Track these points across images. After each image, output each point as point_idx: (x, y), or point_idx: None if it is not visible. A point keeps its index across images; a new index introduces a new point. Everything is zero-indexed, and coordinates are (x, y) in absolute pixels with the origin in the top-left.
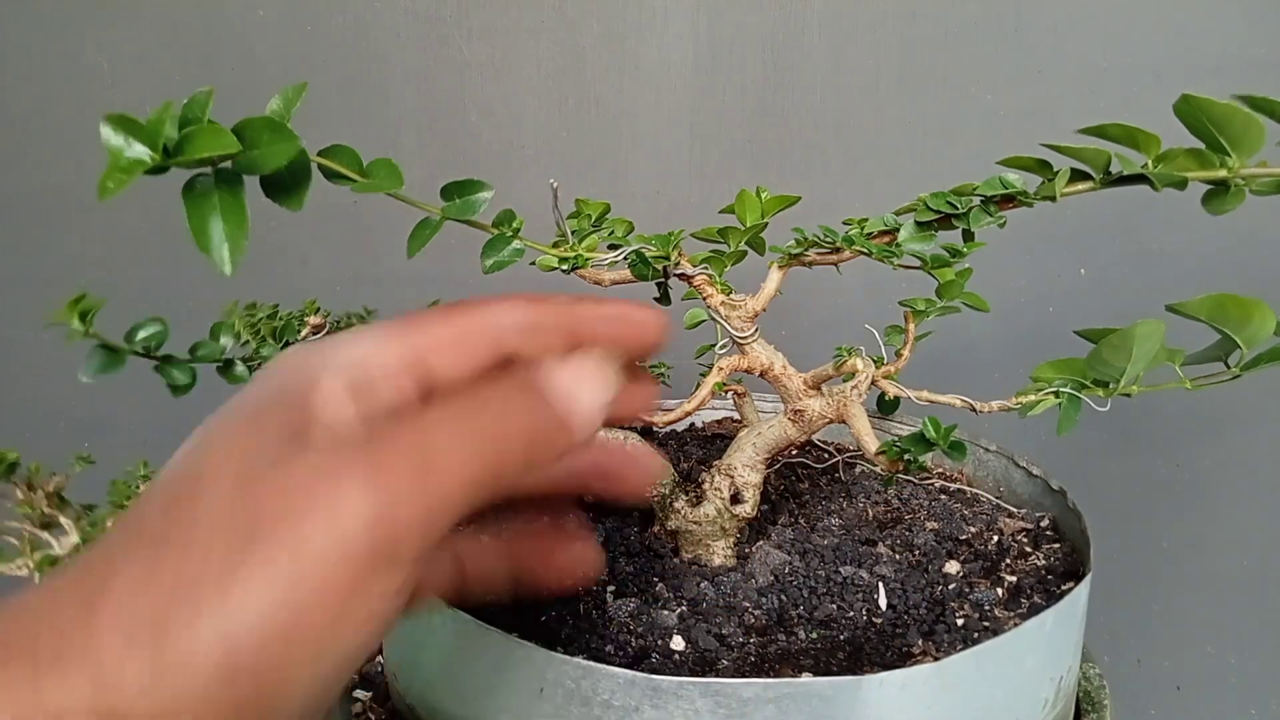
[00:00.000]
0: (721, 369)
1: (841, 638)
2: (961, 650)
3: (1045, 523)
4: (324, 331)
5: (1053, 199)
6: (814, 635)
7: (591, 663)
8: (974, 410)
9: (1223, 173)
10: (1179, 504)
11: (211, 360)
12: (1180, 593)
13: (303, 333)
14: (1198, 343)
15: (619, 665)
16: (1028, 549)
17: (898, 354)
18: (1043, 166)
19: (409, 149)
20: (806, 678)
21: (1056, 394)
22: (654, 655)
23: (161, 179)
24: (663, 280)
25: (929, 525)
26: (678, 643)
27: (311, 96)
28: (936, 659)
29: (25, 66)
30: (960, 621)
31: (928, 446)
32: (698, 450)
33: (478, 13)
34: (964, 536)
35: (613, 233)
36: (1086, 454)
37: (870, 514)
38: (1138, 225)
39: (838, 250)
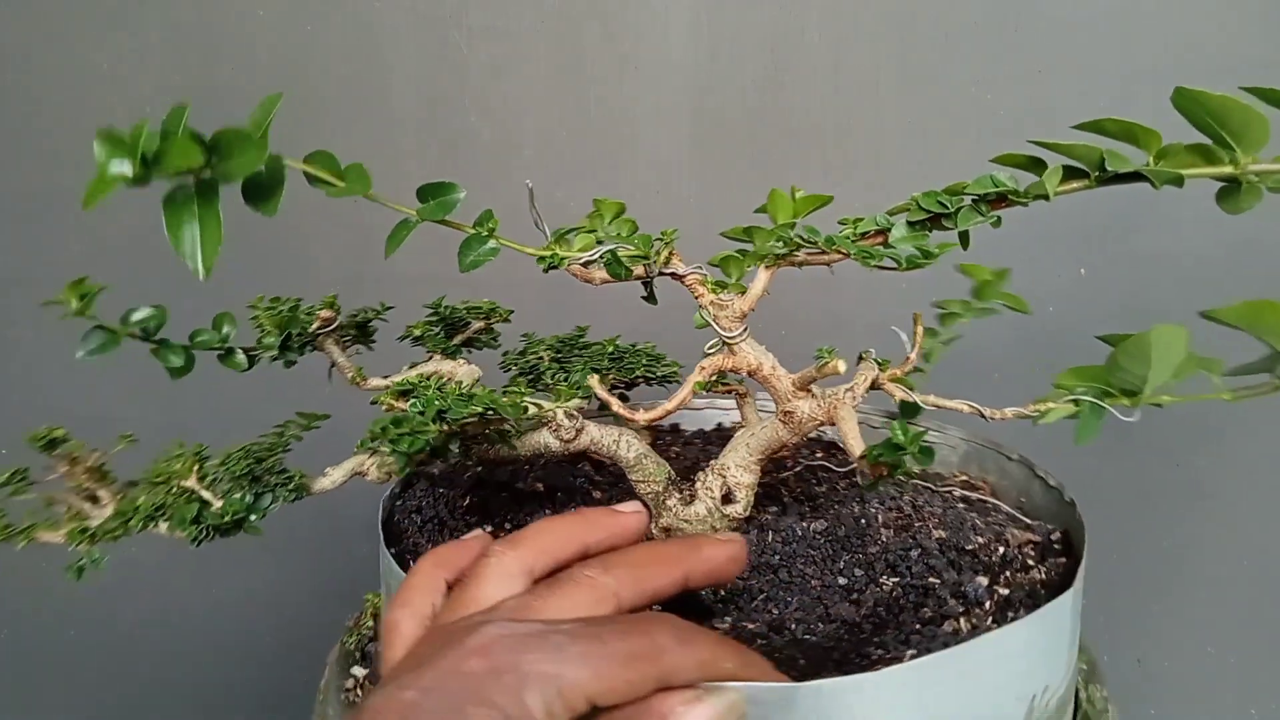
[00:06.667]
0: (704, 368)
1: (833, 640)
2: (943, 652)
3: (1056, 536)
4: (333, 326)
5: (1046, 197)
6: (806, 637)
7: None
8: (983, 417)
9: (1229, 168)
10: (1179, 504)
11: (211, 347)
12: (1180, 593)
13: (312, 325)
14: (1214, 349)
15: None
16: (1031, 562)
17: (906, 359)
18: (1037, 165)
19: (409, 149)
20: (797, 681)
21: (1076, 402)
22: None
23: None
24: (646, 280)
25: (936, 533)
26: None
27: (311, 96)
28: (920, 660)
29: (25, 66)
30: (949, 628)
31: (898, 451)
32: (718, 451)
33: (478, 13)
34: (970, 546)
35: (595, 231)
36: (1086, 454)
37: (880, 519)
38: (1138, 225)
39: (824, 251)
